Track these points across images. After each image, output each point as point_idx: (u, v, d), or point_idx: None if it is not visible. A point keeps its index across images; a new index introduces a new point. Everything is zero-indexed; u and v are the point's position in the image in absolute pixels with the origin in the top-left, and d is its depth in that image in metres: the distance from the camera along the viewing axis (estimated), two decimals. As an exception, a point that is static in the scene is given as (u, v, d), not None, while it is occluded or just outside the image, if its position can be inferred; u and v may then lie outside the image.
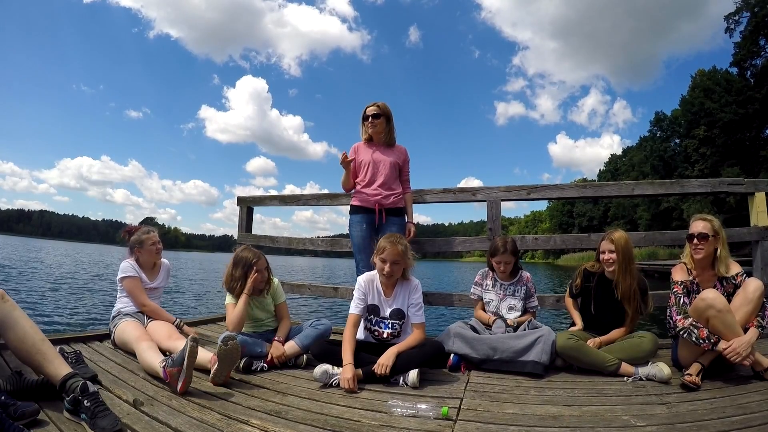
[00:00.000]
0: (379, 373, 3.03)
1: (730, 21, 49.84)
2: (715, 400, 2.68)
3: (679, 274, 3.43)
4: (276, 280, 3.93)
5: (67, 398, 2.26)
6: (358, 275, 4.32)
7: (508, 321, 3.77)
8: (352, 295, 3.55)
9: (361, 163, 4.53)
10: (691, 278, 3.39)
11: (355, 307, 3.47)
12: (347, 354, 3.14)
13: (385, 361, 3.07)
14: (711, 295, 3.04)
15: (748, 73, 50.03)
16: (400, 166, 4.64)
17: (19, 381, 2.45)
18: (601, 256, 3.70)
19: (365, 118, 4.57)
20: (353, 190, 4.63)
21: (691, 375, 2.96)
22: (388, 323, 3.49)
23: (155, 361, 3.01)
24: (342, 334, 3.32)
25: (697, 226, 3.39)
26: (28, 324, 2.52)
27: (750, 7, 46.69)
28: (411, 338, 3.32)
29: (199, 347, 3.34)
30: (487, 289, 4.06)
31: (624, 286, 3.55)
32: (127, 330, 3.60)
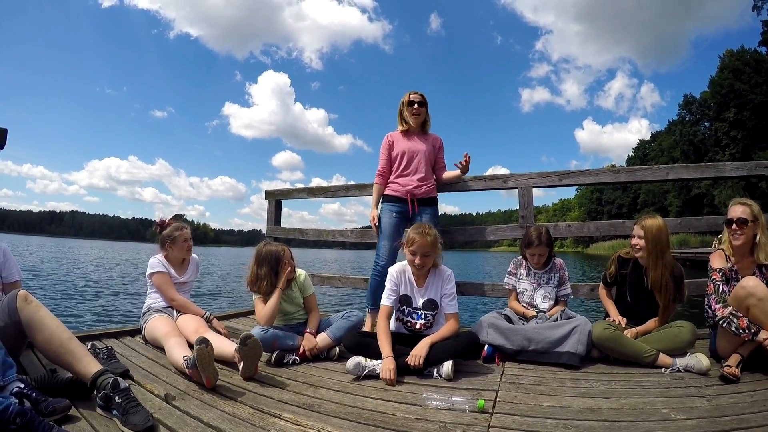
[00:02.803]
0: (412, 364, 2.99)
1: (758, -2, 48.73)
2: (756, 393, 2.61)
3: (717, 261, 3.33)
4: (303, 273, 3.88)
5: (99, 395, 2.27)
6: (376, 263, 4.38)
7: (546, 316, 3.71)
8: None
9: (397, 153, 4.52)
10: (729, 265, 3.30)
11: (386, 299, 3.44)
12: (386, 346, 3.11)
13: (418, 353, 3.03)
14: (752, 283, 2.94)
15: (778, 52, 48.96)
16: (435, 155, 4.65)
17: (51, 378, 2.47)
18: (631, 241, 3.63)
19: (410, 104, 4.53)
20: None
21: (730, 366, 2.87)
22: (421, 314, 3.44)
23: (181, 357, 3.03)
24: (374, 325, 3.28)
25: (736, 210, 3.27)
26: (54, 324, 2.52)
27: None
28: (444, 329, 3.28)
29: (224, 340, 3.34)
30: (521, 279, 4.01)
31: (654, 275, 3.46)
32: (156, 326, 3.62)
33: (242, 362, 2.93)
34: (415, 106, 4.51)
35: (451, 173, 4.70)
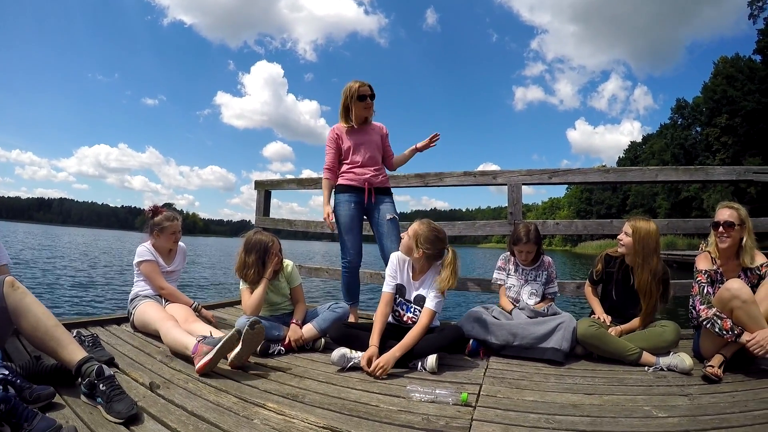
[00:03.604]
0: (376, 374, 2.90)
1: (754, 7, 48.80)
2: (737, 393, 2.63)
3: (703, 263, 3.36)
4: (291, 264, 3.87)
5: (83, 383, 2.26)
6: (343, 259, 4.29)
7: (530, 306, 3.73)
8: (370, 278, 3.49)
9: (349, 146, 4.31)
10: (715, 267, 3.32)
11: (386, 285, 3.45)
12: (374, 334, 3.12)
13: (384, 364, 2.94)
14: (736, 286, 2.96)
15: (772, 61, 49.15)
16: (383, 143, 4.48)
17: (35, 365, 2.46)
18: (618, 236, 3.66)
19: (361, 98, 4.19)
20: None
21: (713, 367, 2.89)
22: (411, 307, 3.44)
23: (184, 337, 3.04)
24: (362, 317, 3.25)
25: (723, 214, 3.31)
26: (40, 310, 2.49)
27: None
28: (415, 329, 3.17)
29: (214, 330, 3.34)
30: (510, 275, 4.02)
31: (641, 279, 3.47)
32: (148, 311, 3.62)
33: (239, 347, 2.91)
34: (367, 99, 4.22)
35: (402, 155, 4.54)
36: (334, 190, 4.36)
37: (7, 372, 2.19)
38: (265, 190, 6.40)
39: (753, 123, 49.05)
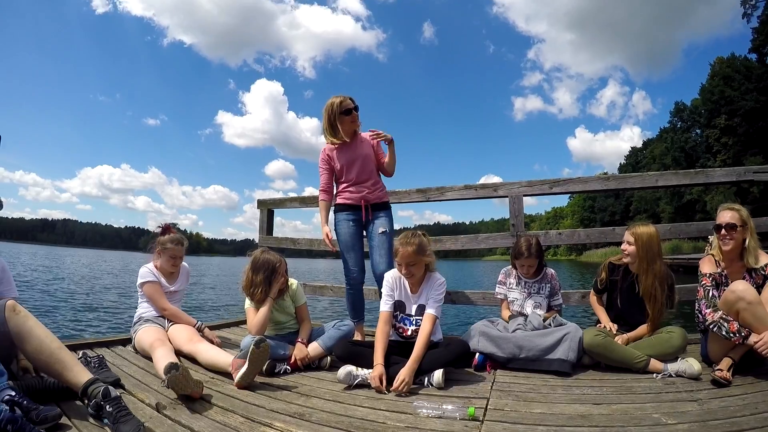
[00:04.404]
0: (400, 390, 2.87)
1: (747, 6, 49.12)
2: (747, 396, 2.62)
3: (707, 267, 3.35)
4: (296, 282, 3.88)
5: (90, 404, 2.26)
6: (346, 277, 4.29)
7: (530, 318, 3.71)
8: (375, 295, 3.47)
9: (342, 165, 4.27)
10: (719, 270, 3.31)
11: (384, 304, 3.44)
12: (378, 353, 3.10)
13: (406, 378, 2.92)
14: (741, 287, 2.96)
15: (768, 59, 49.33)
16: (377, 154, 4.41)
17: (40, 383, 2.48)
18: (621, 246, 3.65)
19: (346, 112, 4.13)
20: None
21: (722, 370, 2.88)
22: (413, 320, 3.43)
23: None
24: (368, 334, 3.24)
25: (725, 216, 3.30)
26: (43, 333, 2.50)
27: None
28: (421, 338, 3.16)
29: (217, 350, 3.33)
30: (512, 288, 4.00)
31: (646, 284, 3.47)
32: (144, 336, 3.61)
33: (246, 367, 2.92)
34: (351, 113, 4.16)
35: (388, 154, 4.39)
36: (333, 209, 4.38)
37: (13, 393, 2.20)
38: (267, 209, 6.40)
39: (752, 122, 49.16)
